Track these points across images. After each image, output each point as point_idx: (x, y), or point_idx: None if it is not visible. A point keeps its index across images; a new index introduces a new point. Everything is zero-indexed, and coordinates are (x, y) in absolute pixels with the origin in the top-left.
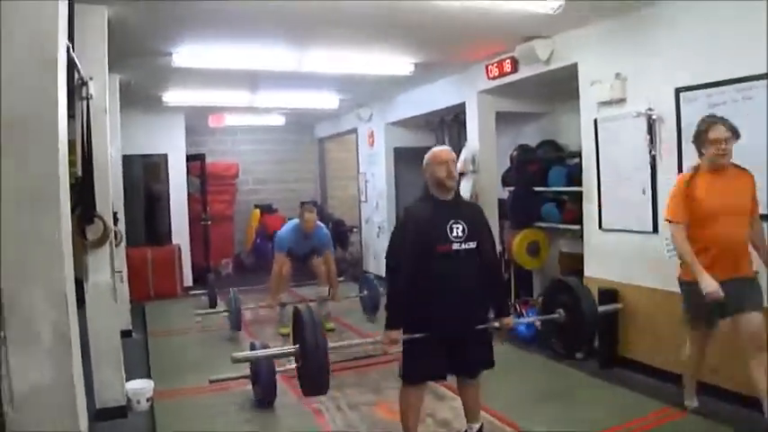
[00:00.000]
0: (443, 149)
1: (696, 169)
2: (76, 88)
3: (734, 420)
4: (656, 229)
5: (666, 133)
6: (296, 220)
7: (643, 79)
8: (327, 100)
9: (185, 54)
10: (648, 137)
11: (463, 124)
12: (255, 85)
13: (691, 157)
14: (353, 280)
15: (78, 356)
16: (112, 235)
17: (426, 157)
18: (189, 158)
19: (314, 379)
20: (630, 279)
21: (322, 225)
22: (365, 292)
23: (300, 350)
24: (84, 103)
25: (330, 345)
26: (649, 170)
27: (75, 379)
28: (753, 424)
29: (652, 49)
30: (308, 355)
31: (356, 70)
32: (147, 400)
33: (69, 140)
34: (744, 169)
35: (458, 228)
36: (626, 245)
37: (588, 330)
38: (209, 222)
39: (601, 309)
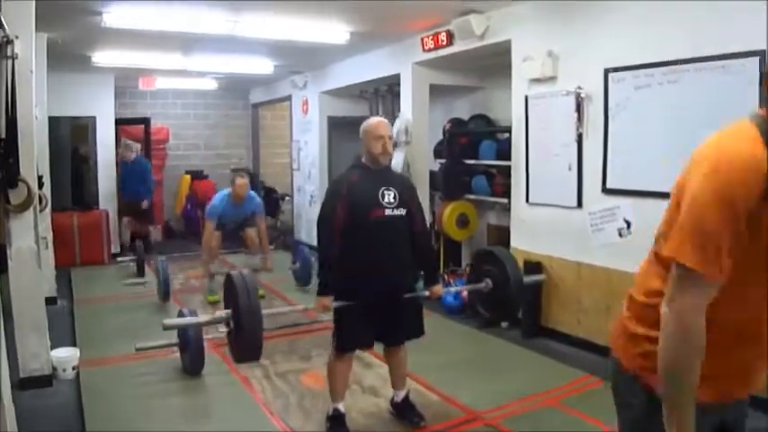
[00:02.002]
0: (381, 123)
1: None
2: (1, 47)
3: None
4: (580, 205)
5: (594, 112)
6: (227, 189)
7: (574, 58)
8: (262, 65)
9: (116, 14)
10: (576, 115)
11: (397, 95)
12: (188, 48)
13: (618, 137)
14: (284, 248)
15: (0, 324)
16: (37, 199)
17: (363, 127)
18: (124, 122)
19: (247, 344)
20: (555, 252)
21: (254, 194)
22: (297, 264)
23: (233, 315)
24: (9, 62)
25: (264, 312)
26: (576, 147)
27: None
28: None
29: (584, 29)
30: (241, 320)
31: (292, 37)
32: (73, 369)
33: None
34: None
35: (389, 194)
36: (551, 219)
37: (514, 298)
38: None
39: (526, 279)
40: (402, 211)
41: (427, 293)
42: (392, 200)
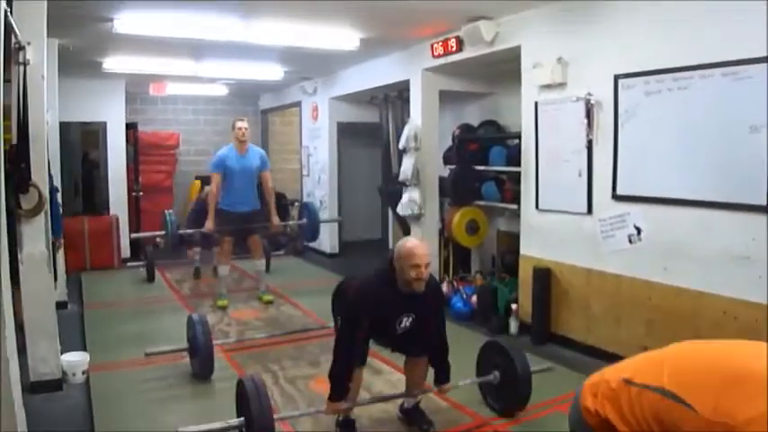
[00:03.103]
0: (417, 248)
1: None
2: (13, 53)
3: None
4: (590, 211)
5: (604, 118)
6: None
7: (584, 64)
8: (271, 71)
9: (127, 20)
10: (586, 121)
11: (407, 101)
12: (198, 54)
13: (628, 144)
14: (294, 254)
15: (12, 328)
16: (48, 204)
17: (398, 250)
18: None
19: None
20: (564, 258)
21: (257, 147)
22: (305, 219)
23: (246, 425)
24: (21, 68)
25: (276, 416)
26: (586, 153)
27: (8, 351)
28: None
29: (594, 35)
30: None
31: (302, 43)
32: (83, 373)
33: (4, 106)
34: None
35: (407, 320)
36: (561, 225)
37: (523, 389)
38: (142, 193)
39: (534, 368)
40: (414, 331)
41: (436, 389)
42: (408, 325)
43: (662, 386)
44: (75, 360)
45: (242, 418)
